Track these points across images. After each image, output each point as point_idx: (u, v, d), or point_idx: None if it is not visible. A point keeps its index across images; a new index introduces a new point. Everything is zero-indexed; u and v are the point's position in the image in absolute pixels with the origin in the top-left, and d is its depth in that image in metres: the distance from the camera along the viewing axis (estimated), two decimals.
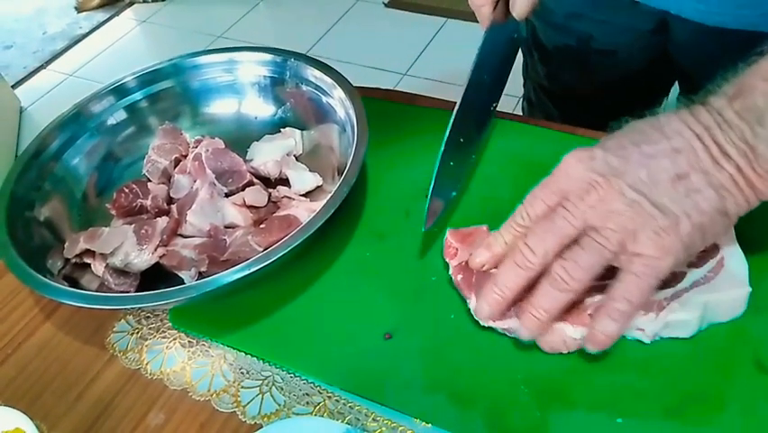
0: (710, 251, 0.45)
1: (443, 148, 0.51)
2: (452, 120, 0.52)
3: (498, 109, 0.63)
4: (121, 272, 0.53)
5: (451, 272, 0.48)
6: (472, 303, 0.46)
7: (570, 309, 0.43)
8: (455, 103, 0.63)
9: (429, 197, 0.50)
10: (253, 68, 0.65)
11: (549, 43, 0.74)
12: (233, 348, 0.49)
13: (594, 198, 0.39)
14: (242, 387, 0.47)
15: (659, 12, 0.61)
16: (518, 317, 0.43)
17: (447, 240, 0.50)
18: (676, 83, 0.77)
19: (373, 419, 0.44)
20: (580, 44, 0.71)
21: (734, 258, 0.45)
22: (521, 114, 0.89)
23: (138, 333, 0.52)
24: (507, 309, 0.43)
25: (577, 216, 0.39)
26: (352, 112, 0.56)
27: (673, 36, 0.67)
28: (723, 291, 0.43)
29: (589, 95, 0.76)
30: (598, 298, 0.43)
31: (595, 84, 0.75)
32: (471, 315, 0.46)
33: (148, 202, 0.57)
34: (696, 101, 0.40)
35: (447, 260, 0.49)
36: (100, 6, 2.56)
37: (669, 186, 0.38)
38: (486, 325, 0.45)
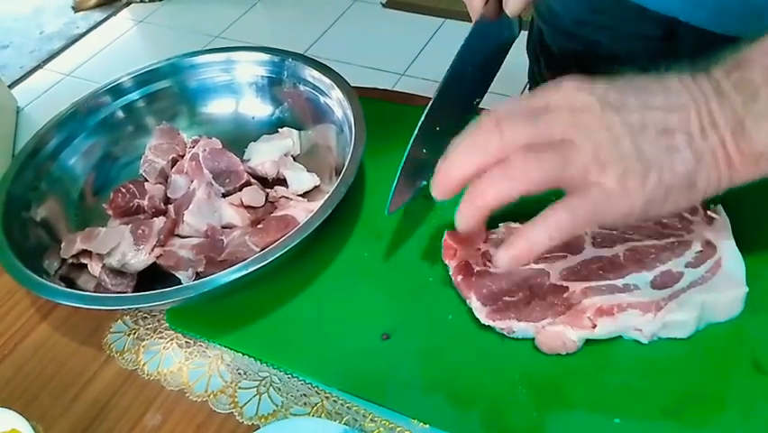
0: (707, 252, 0.45)
1: (415, 133, 0.50)
2: (427, 107, 0.51)
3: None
4: (118, 273, 0.53)
5: (450, 273, 0.48)
6: (473, 303, 0.46)
7: (568, 311, 0.43)
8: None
9: (396, 181, 0.50)
10: (251, 68, 0.65)
11: (556, 48, 0.74)
12: (231, 349, 0.49)
13: (583, 119, 0.38)
14: (240, 388, 0.47)
15: (667, 19, 0.61)
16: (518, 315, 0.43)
17: (445, 241, 0.50)
18: None
19: (371, 420, 0.44)
20: (587, 50, 0.70)
21: (731, 258, 0.45)
22: None
23: (135, 333, 0.52)
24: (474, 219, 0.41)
25: (560, 125, 0.38)
26: (349, 112, 0.56)
27: (682, 43, 0.66)
28: (720, 291, 0.43)
29: None
30: (597, 299, 0.44)
31: None
32: (470, 315, 0.46)
33: (145, 202, 0.57)
34: (699, 68, 0.40)
35: (446, 261, 0.49)
36: (97, 6, 2.56)
37: (653, 136, 0.37)
38: (485, 322, 0.45)
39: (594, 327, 0.43)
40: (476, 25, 0.52)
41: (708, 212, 0.48)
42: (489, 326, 0.45)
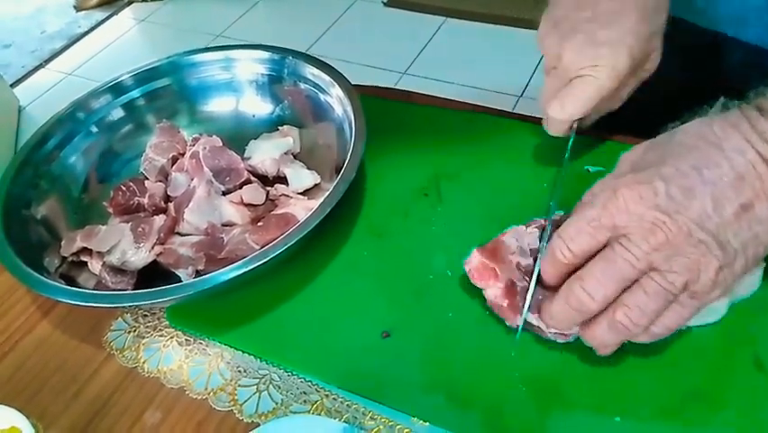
0: None
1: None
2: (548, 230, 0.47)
3: (497, 108, 0.63)
4: (118, 271, 0.53)
5: (492, 301, 0.45)
6: (529, 319, 0.43)
7: None
8: (455, 101, 0.63)
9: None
10: (251, 65, 0.65)
11: None
12: (231, 346, 0.49)
13: (660, 240, 0.36)
14: (240, 385, 0.47)
15: (711, 33, 0.59)
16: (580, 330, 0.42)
17: (479, 261, 0.45)
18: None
19: (371, 418, 0.44)
20: (659, 85, 0.69)
21: None
22: (521, 113, 0.88)
23: (135, 331, 0.52)
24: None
25: (641, 258, 0.37)
26: (350, 110, 0.56)
27: (725, 57, 0.63)
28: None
29: (624, 113, 0.74)
30: None
31: (632, 103, 0.73)
32: (469, 314, 0.46)
33: (145, 200, 0.57)
34: (751, 104, 0.37)
35: (481, 283, 0.45)
36: (99, 5, 2.56)
37: (733, 219, 0.36)
38: (552, 338, 0.44)
39: None
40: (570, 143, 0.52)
41: None
42: (489, 325, 0.45)
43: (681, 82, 0.70)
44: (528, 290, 0.43)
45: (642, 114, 0.67)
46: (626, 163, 0.41)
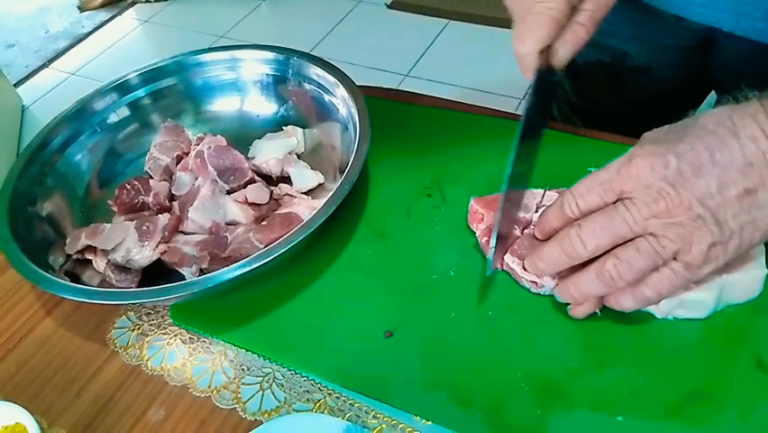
0: None
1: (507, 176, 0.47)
2: (513, 155, 0.47)
3: (500, 110, 0.63)
4: (122, 269, 0.53)
5: (477, 236, 0.50)
6: (507, 261, 0.48)
7: None
8: (458, 103, 0.63)
9: (494, 239, 0.45)
10: (256, 66, 0.65)
11: (580, 59, 0.72)
12: (234, 345, 0.49)
13: (661, 208, 0.39)
14: (243, 384, 0.47)
15: (704, 29, 0.59)
16: (557, 280, 0.45)
17: (472, 207, 0.51)
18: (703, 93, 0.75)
19: (374, 417, 0.44)
20: (614, 61, 0.69)
21: None
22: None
23: (139, 329, 0.52)
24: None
25: (639, 221, 0.39)
26: (354, 110, 0.56)
27: (718, 52, 0.64)
28: (740, 272, 0.43)
29: (619, 110, 0.74)
30: None
31: (627, 100, 0.73)
32: (471, 314, 0.47)
33: (150, 199, 0.58)
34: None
35: (473, 225, 0.51)
36: (102, 6, 2.57)
37: (735, 201, 0.38)
38: (522, 275, 0.47)
39: None
40: (534, 79, 0.52)
41: None
42: (491, 324, 0.46)
43: (678, 80, 0.70)
44: (503, 236, 0.47)
45: (639, 112, 0.67)
46: (648, 139, 0.43)
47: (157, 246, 0.53)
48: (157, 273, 0.53)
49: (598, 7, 0.52)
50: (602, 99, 0.74)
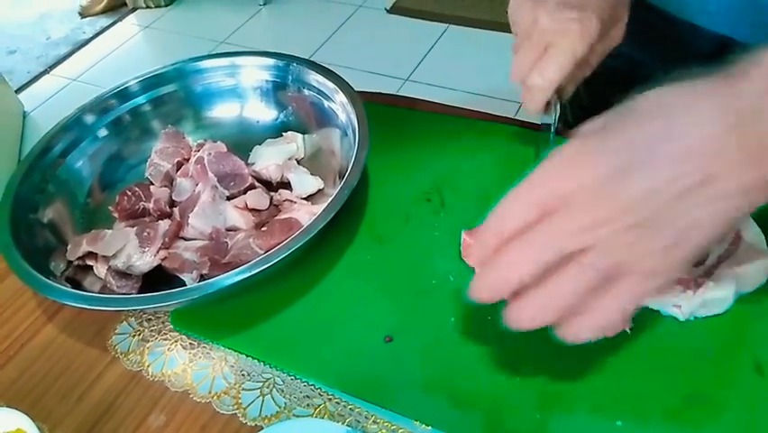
0: None
1: None
2: None
3: (500, 115, 0.63)
4: (123, 275, 0.53)
5: (471, 265, 0.50)
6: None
7: None
8: (457, 108, 0.63)
9: None
10: (256, 72, 0.65)
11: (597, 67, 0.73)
12: (234, 350, 0.49)
13: (594, 217, 0.33)
14: (243, 389, 0.47)
15: (720, 37, 0.58)
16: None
17: (465, 240, 0.51)
18: None
19: (373, 422, 0.44)
20: (630, 68, 0.67)
21: (750, 229, 0.46)
22: (523, 120, 0.88)
23: (139, 335, 0.52)
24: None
25: (566, 238, 0.34)
26: (353, 116, 0.57)
27: (694, 47, 0.62)
28: (748, 263, 0.44)
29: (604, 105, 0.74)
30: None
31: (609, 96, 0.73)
32: (470, 318, 0.47)
33: (150, 205, 0.58)
34: (735, 66, 0.33)
35: (467, 259, 0.50)
36: (103, 12, 2.58)
37: (677, 198, 0.32)
38: None
39: None
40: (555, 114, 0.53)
41: None
42: (490, 329, 0.46)
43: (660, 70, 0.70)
44: None
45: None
46: (581, 134, 0.37)
47: (157, 252, 0.53)
48: (157, 279, 0.54)
49: (608, 47, 0.52)
50: (617, 102, 0.74)
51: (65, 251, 0.55)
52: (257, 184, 0.59)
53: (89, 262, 0.55)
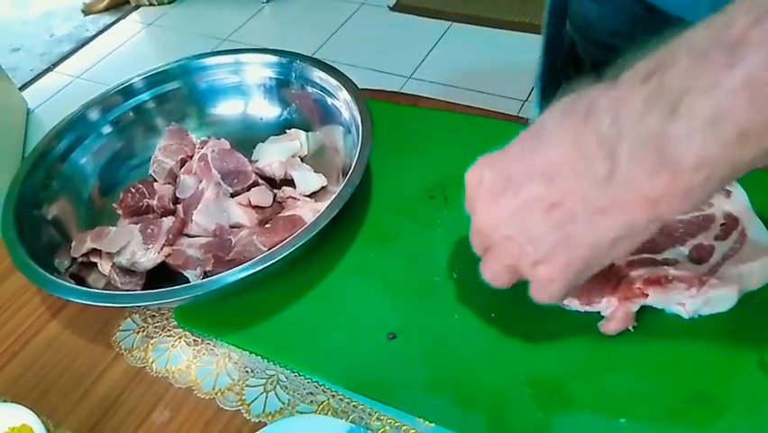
0: (731, 224, 0.46)
1: None
2: None
3: (502, 112, 0.63)
4: (127, 271, 0.53)
5: None
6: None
7: (619, 286, 0.44)
8: (460, 105, 0.63)
9: None
10: (259, 69, 0.65)
11: (589, 60, 0.73)
12: (238, 347, 0.50)
13: (475, 229, 0.40)
14: (247, 385, 0.47)
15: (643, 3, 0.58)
16: None
17: None
18: None
19: (377, 418, 0.44)
20: (620, 61, 0.69)
21: (754, 227, 0.45)
22: (525, 117, 0.89)
23: (144, 331, 0.52)
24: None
25: (476, 240, 0.41)
26: (356, 113, 0.57)
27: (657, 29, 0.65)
28: (753, 260, 0.44)
29: None
30: (642, 270, 0.44)
31: None
32: (474, 316, 0.47)
33: (154, 202, 0.58)
34: (607, 80, 0.34)
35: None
36: (106, 9, 2.58)
37: (540, 218, 0.34)
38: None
39: (646, 295, 0.44)
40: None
41: None
42: (494, 326, 0.46)
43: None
44: None
45: None
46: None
47: (161, 249, 0.53)
48: (161, 276, 0.54)
49: None
50: None
51: (69, 247, 0.55)
52: (260, 181, 0.59)
53: (93, 259, 0.55)
